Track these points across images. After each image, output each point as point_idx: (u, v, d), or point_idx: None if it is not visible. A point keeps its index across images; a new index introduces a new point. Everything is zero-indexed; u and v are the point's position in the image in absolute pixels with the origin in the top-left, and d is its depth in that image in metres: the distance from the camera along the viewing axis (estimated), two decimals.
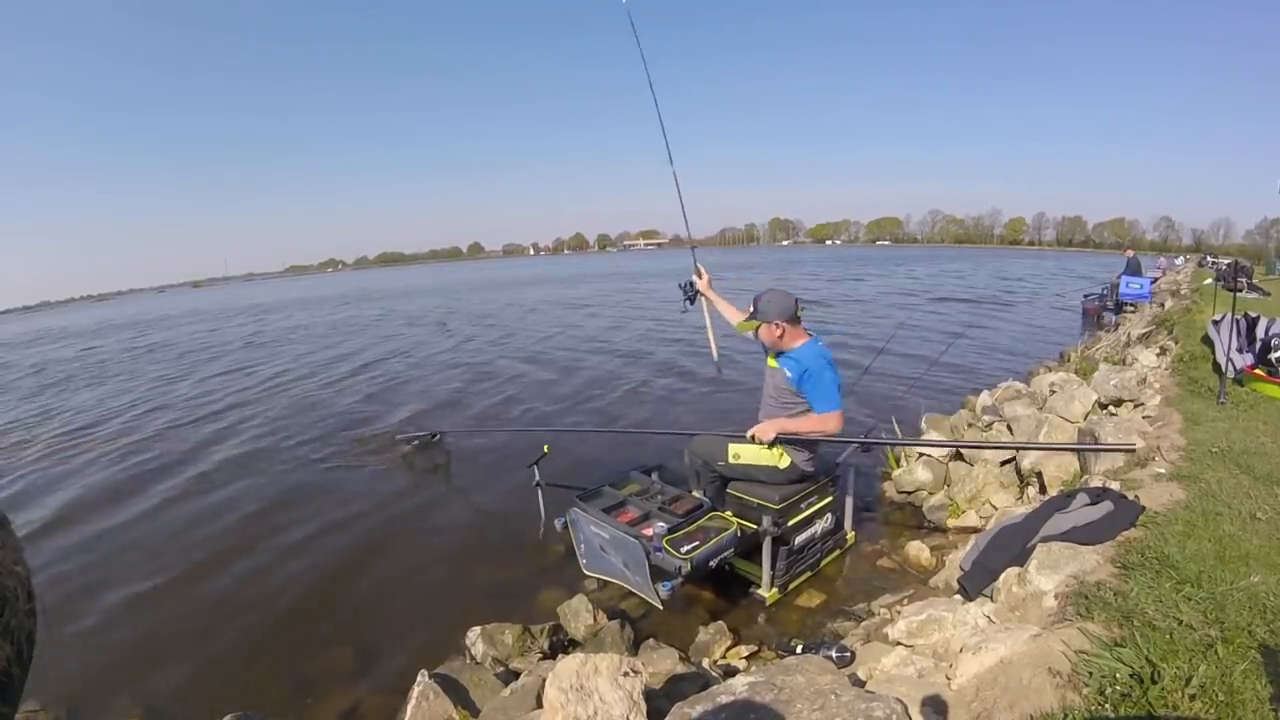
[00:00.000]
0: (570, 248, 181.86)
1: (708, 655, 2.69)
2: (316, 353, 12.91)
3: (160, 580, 3.75)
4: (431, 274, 70.99)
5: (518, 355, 10.73)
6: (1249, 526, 2.16)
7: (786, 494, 3.00)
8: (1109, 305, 12.64)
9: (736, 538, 2.89)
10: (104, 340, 21.23)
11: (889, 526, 3.92)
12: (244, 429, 7.06)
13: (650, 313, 16.07)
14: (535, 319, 16.49)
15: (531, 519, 3.76)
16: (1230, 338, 4.27)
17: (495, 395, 7.90)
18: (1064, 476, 3.37)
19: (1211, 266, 17.24)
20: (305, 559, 3.90)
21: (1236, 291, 4.90)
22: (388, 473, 5.31)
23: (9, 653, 0.38)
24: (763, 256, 64.95)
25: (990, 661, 1.66)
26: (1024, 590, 2.06)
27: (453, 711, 2.10)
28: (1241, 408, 3.59)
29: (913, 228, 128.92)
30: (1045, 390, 4.85)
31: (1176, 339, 5.98)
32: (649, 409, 6.88)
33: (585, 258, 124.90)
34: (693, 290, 3.32)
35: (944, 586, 2.78)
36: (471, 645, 2.74)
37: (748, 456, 3.02)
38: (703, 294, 3.32)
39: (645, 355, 10.01)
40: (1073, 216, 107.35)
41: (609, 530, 2.92)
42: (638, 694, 1.61)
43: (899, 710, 1.37)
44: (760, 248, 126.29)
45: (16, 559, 0.41)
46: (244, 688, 2.75)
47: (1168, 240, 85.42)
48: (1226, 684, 1.39)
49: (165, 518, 4.71)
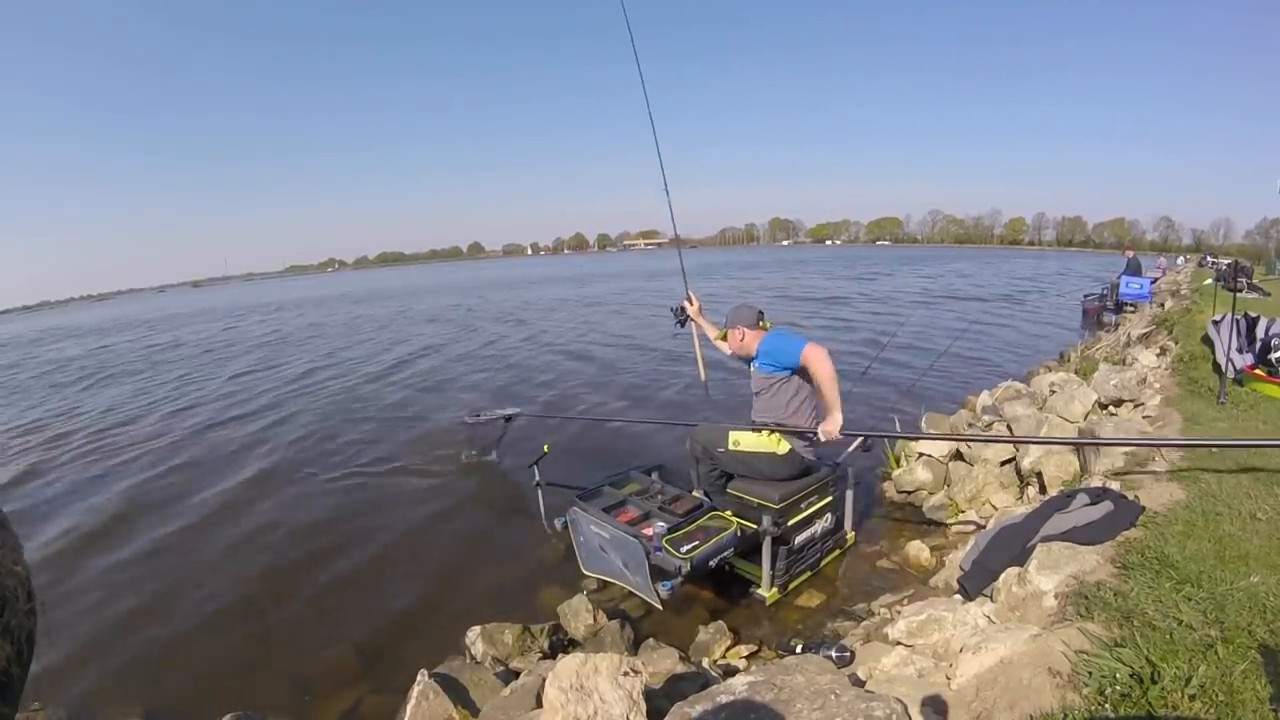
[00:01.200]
0: (570, 248, 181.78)
1: (708, 655, 2.69)
2: (350, 348, 12.92)
3: (161, 581, 3.76)
4: (434, 273, 70.78)
5: (559, 351, 10.72)
6: (1249, 526, 2.16)
7: (786, 493, 3.00)
8: (1109, 305, 12.64)
9: (736, 537, 2.89)
10: (119, 337, 21.37)
11: (889, 526, 3.92)
12: (273, 430, 7.02)
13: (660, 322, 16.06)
14: (560, 316, 16.51)
15: (532, 519, 3.76)
16: (1230, 338, 4.28)
17: (555, 388, 7.98)
18: (1064, 476, 3.37)
19: (1211, 266, 17.22)
20: (305, 559, 3.89)
21: (1236, 291, 4.90)
22: (393, 473, 5.31)
23: (9, 653, 0.38)
24: (765, 256, 64.84)
25: (990, 661, 1.66)
26: (1024, 590, 2.06)
27: (453, 711, 2.10)
28: (1241, 408, 3.59)
29: (913, 228, 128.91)
30: (1045, 390, 4.85)
31: (1176, 339, 5.99)
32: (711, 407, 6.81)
33: (586, 257, 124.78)
34: (683, 315, 3.49)
35: (944, 586, 2.78)
36: (471, 645, 2.74)
37: (747, 444, 3.08)
38: (693, 319, 3.49)
39: (684, 355, 9.98)
40: (1073, 216, 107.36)
41: (609, 530, 2.92)
42: (638, 694, 1.61)
43: (899, 710, 1.37)
44: (760, 247, 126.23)
45: (16, 559, 0.41)
46: (244, 688, 2.75)
47: (1168, 240, 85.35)
48: (1226, 684, 1.39)
49: (165, 518, 4.71)
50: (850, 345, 9.37)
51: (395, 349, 12.33)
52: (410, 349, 12.15)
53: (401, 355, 11.45)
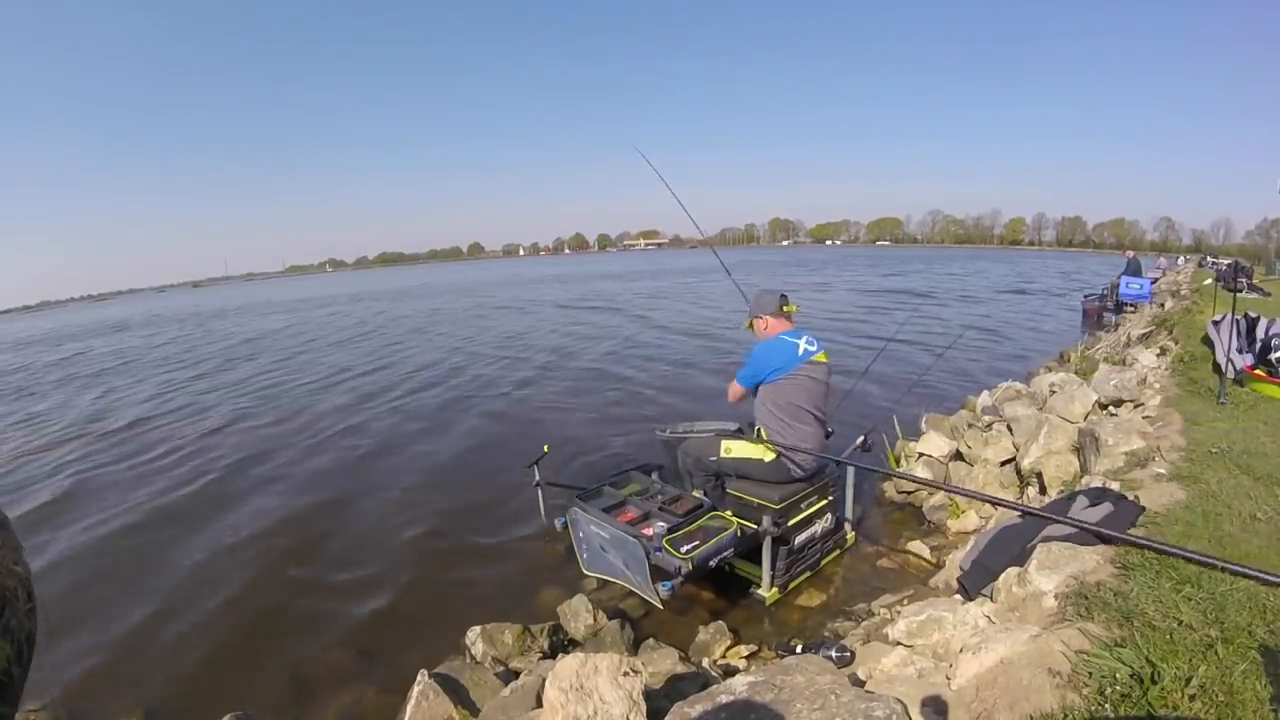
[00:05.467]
0: (571, 247, 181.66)
1: (708, 655, 2.69)
2: (480, 339, 13.03)
3: (160, 581, 3.76)
4: (446, 272, 69.66)
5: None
6: (1249, 527, 2.16)
7: (786, 494, 3.01)
8: (1109, 305, 12.67)
9: (736, 537, 2.89)
10: (205, 327, 22.12)
11: (889, 526, 3.91)
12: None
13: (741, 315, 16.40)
14: (665, 303, 17.15)
15: (532, 518, 3.76)
16: (1230, 338, 4.28)
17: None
18: (1064, 476, 3.37)
19: (1211, 267, 17.24)
20: (304, 558, 3.89)
21: (1236, 292, 4.90)
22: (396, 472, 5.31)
23: (9, 653, 0.38)
24: (766, 256, 64.64)
25: (990, 662, 1.66)
26: (1024, 590, 2.06)
27: (453, 711, 2.10)
28: (1241, 408, 3.59)
29: (913, 228, 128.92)
30: (1045, 390, 4.85)
31: (1176, 339, 5.99)
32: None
33: (587, 257, 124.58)
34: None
35: (944, 586, 2.78)
36: (471, 645, 2.74)
37: (739, 451, 3.12)
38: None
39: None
40: (1073, 217, 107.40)
41: (609, 530, 2.92)
42: (637, 694, 1.61)
43: (899, 710, 1.37)
44: (760, 248, 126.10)
45: (16, 559, 0.41)
46: (244, 688, 2.75)
47: (1168, 240, 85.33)
48: (1226, 684, 1.39)
49: (166, 517, 4.71)
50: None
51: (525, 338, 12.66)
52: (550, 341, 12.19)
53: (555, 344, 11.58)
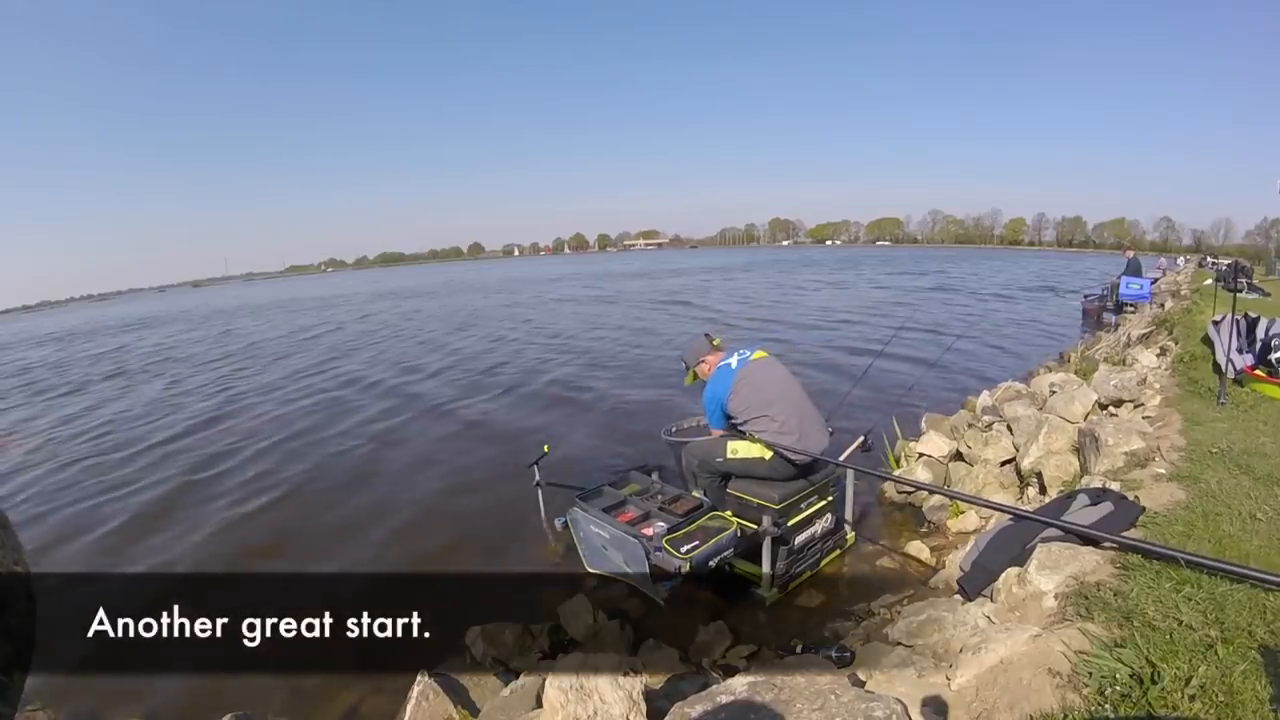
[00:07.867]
0: (571, 247, 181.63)
1: (708, 655, 2.69)
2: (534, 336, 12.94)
3: (161, 582, 3.75)
4: (454, 271, 69.23)
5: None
6: (1249, 527, 2.16)
7: (786, 494, 3.01)
8: (1109, 305, 12.66)
9: (736, 537, 2.89)
10: (238, 323, 22.25)
11: (889, 526, 3.91)
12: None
13: (787, 306, 16.53)
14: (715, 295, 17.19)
15: (532, 518, 3.76)
16: (1230, 338, 4.28)
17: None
18: (1064, 476, 3.38)
19: (1211, 267, 17.22)
20: (305, 558, 3.90)
21: (1236, 292, 4.90)
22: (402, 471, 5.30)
23: (9, 653, 0.38)
24: (766, 256, 64.58)
25: (990, 662, 1.66)
26: (1024, 590, 2.06)
27: (452, 711, 2.10)
28: (1241, 408, 3.59)
29: (913, 228, 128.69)
30: (1045, 390, 4.84)
31: (1176, 339, 5.98)
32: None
33: (588, 257, 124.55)
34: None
35: (944, 586, 2.78)
36: (471, 645, 2.74)
37: (744, 451, 3.16)
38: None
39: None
40: (1073, 217, 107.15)
41: (609, 530, 2.93)
42: (637, 694, 1.61)
43: (899, 710, 1.38)
44: (760, 248, 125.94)
45: (17, 559, 0.41)
46: (244, 688, 2.74)
47: (1168, 240, 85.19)
48: (1226, 684, 1.39)
49: (164, 519, 4.71)
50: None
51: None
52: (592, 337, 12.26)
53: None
